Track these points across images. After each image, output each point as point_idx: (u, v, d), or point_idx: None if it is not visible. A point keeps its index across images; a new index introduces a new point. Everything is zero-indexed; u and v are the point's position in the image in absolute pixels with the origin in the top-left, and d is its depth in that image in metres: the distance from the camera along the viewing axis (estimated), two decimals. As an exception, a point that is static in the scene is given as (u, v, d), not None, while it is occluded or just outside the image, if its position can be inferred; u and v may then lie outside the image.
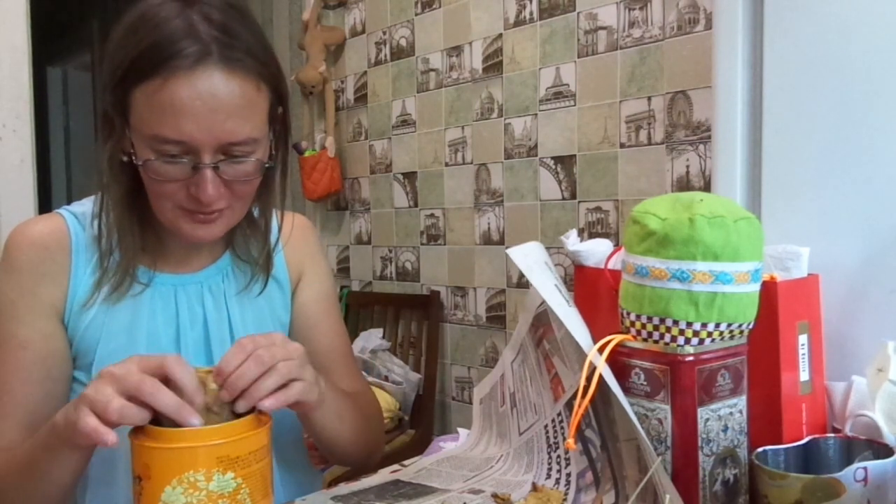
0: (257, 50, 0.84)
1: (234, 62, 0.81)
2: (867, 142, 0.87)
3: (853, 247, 0.87)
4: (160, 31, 0.80)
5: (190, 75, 0.79)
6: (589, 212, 2.21)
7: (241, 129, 0.82)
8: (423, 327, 2.68)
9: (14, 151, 1.84)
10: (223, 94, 0.80)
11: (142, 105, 0.81)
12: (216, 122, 0.80)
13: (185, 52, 0.79)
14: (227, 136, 0.82)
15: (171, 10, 0.81)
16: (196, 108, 0.79)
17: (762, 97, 0.96)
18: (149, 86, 0.80)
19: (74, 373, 0.94)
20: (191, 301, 0.97)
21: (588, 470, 0.83)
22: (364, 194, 2.99)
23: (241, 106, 0.82)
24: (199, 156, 0.82)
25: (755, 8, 0.96)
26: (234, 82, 0.81)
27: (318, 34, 2.95)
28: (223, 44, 0.81)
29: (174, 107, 0.79)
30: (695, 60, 1.92)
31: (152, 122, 0.80)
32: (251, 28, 0.85)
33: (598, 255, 0.93)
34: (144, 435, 0.71)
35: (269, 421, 0.75)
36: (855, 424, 0.79)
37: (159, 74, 0.79)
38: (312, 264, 1.08)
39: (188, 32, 0.80)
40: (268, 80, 0.85)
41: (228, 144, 0.82)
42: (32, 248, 0.92)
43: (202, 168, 0.82)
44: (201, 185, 0.83)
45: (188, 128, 0.80)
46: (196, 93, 0.79)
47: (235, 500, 0.69)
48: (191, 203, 0.85)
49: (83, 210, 0.96)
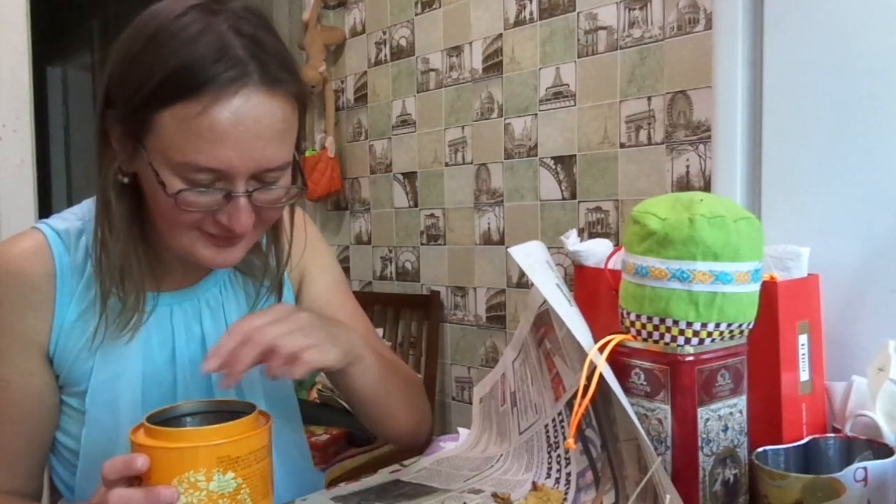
0: (290, 62, 0.79)
1: (275, 83, 0.76)
2: (867, 142, 0.87)
3: (853, 247, 0.87)
4: (191, 50, 0.73)
5: (232, 99, 0.73)
6: (589, 212, 2.21)
7: (280, 153, 0.78)
8: (423, 327, 2.68)
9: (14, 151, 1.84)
10: (265, 119, 0.75)
11: (172, 130, 0.74)
12: (256, 148, 0.75)
13: (224, 74, 0.73)
14: (267, 163, 0.77)
15: (197, 22, 0.75)
16: (238, 133, 0.74)
17: (762, 97, 0.96)
18: (183, 110, 0.73)
19: (66, 398, 0.91)
20: (188, 319, 0.93)
21: (588, 469, 0.83)
22: (364, 194, 2.99)
23: (282, 130, 0.77)
24: (233, 183, 0.76)
25: (755, 8, 0.96)
26: (275, 104, 0.76)
27: (318, 34, 2.95)
28: (261, 62, 0.75)
29: (214, 133, 0.73)
30: (695, 60, 1.92)
31: (185, 149, 0.74)
32: (276, 37, 0.80)
33: (598, 255, 0.93)
34: (144, 434, 0.71)
35: (270, 421, 0.75)
36: (855, 424, 0.79)
37: (197, 99, 0.73)
38: (314, 256, 1.03)
39: (223, 50, 0.74)
40: (300, 97, 0.80)
41: (264, 171, 0.78)
42: (12, 279, 0.86)
43: (236, 197, 0.77)
44: (234, 214, 0.78)
45: (227, 156, 0.74)
46: (238, 118, 0.73)
47: (236, 500, 0.69)
48: (217, 229, 0.80)
49: (66, 227, 0.89)
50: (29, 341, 0.87)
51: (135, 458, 0.68)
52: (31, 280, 0.86)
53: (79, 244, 0.88)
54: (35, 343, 0.88)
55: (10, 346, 0.87)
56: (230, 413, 0.74)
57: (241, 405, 0.76)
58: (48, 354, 0.89)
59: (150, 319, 0.90)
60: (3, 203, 1.83)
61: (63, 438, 0.93)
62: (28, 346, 0.87)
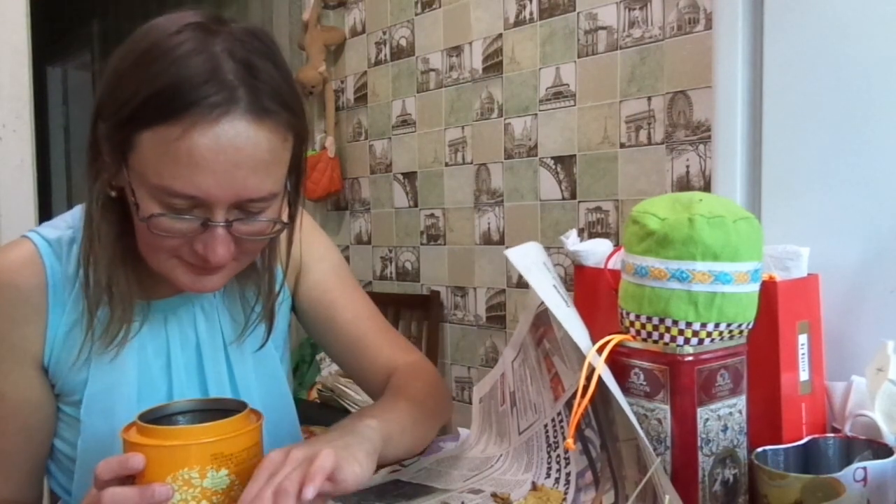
0: (285, 93, 0.75)
1: (263, 113, 0.72)
2: (867, 142, 0.87)
3: (853, 247, 0.87)
4: (180, 70, 0.70)
5: (214, 126, 0.70)
6: (589, 212, 2.21)
7: (263, 185, 0.75)
8: (423, 327, 2.68)
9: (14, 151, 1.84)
10: (248, 149, 0.72)
11: (151, 151, 0.72)
12: (237, 178, 0.72)
13: (209, 99, 0.70)
14: (247, 193, 0.74)
15: (192, 42, 0.72)
16: (217, 162, 0.71)
17: (762, 97, 0.96)
18: (163, 132, 0.71)
19: (62, 406, 0.90)
20: (182, 326, 0.92)
21: (588, 470, 0.83)
22: (364, 194, 2.99)
23: (266, 161, 0.74)
24: (211, 211, 0.74)
25: (755, 8, 0.96)
26: (261, 134, 0.72)
27: (318, 34, 2.95)
28: (251, 88, 0.72)
29: (192, 159, 0.70)
30: (695, 60, 1.92)
31: (163, 173, 0.72)
32: (276, 62, 0.76)
33: (598, 255, 0.93)
34: (138, 433, 0.71)
35: (261, 418, 0.75)
36: (855, 424, 0.79)
37: (178, 121, 0.70)
38: (310, 245, 1.00)
39: (213, 73, 0.71)
40: (294, 128, 0.77)
41: (246, 201, 0.75)
42: (3, 292, 0.84)
43: (213, 226, 0.74)
44: (210, 244, 0.75)
45: (205, 184, 0.71)
46: (219, 146, 0.70)
47: (229, 497, 0.69)
48: (194, 258, 0.78)
49: (58, 236, 0.87)
50: (23, 353, 0.86)
51: (131, 458, 0.68)
52: (23, 292, 0.84)
53: (70, 253, 0.86)
54: (29, 354, 0.86)
55: (4, 358, 0.86)
56: (221, 411, 0.74)
57: (232, 403, 0.77)
58: (43, 365, 0.88)
59: (144, 327, 0.89)
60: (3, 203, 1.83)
61: (61, 445, 0.92)
62: (22, 357, 0.86)
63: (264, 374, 0.98)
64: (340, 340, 1.03)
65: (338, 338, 1.03)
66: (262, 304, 0.92)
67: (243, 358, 0.96)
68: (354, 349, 1.02)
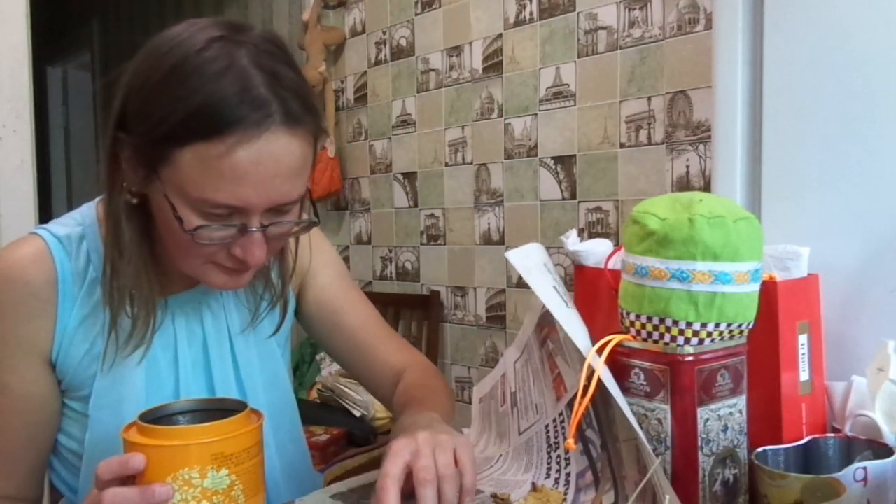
0: (307, 97, 0.79)
1: (295, 122, 0.76)
2: (867, 142, 0.87)
3: (853, 247, 0.87)
4: (214, 88, 0.73)
5: (255, 141, 0.74)
6: (589, 212, 2.21)
7: (295, 189, 0.79)
8: (423, 327, 2.68)
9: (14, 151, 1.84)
10: (285, 157, 0.76)
11: (192, 167, 0.74)
12: (274, 185, 0.76)
13: (249, 117, 0.73)
14: (282, 198, 0.78)
15: (221, 59, 0.74)
16: (258, 173, 0.74)
17: (762, 97, 0.96)
18: (205, 149, 0.73)
19: (68, 402, 0.91)
20: (190, 322, 0.93)
21: (588, 470, 0.83)
22: (364, 194, 2.99)
23: (298, 167, 0.78)
24: (248, 218, 0.77)
25: (755, 8, 0.96)
26: (294, 143, 0.76)
27: (318, 34, 2.95)
28: (282, 100, 0.75)
29: (235, 173, 0.74)
30: (695, 60, 1.92)
31: (205, 186, 0.75)
32: (293, 67, 0.80)
33: (598, 255, 0.93)
34: (138, 433, 0.71)
35: (262, 418, 0.75)
36: (855, 424, 0.79)
37: (220, 140, 0.73)
38: (314, 253, 1.04)
39: (246, 90, 0.74)
40: (316, 130, 0.81)
41: (280, 206, 0.79)
42: (12, 286, 0.85)
43: (251, 232, 0.78)
44: (249, 248, 0.79)
45: (246, 193, 0.75)
46: (259, 158, 0.74)
47: (229, 497, 0.70)
48: (231, 262, 0.81)
49: (67, 233, 0.88)
50: (31, 348, 0.87)
51: (132, 458, 0.68)
52: (33, 287, 0.86)
53: (80, 250, 0.88)
54: (37, 350, 0.88)
55: (13, 353, 0.87)
56: (222, 411, 0.74)
57: (233, 403, 0.77)
58: (50, 360, 0.89)
59: None
60: (3, 203, 1.83)
61: (65, 441, 0.93)
62: (30, 352, 0.87)
63: (268, 370, 1.00)
64: (348, 345, 1.06)
65: (345, 343, 1.06)
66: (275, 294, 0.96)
67: (248, 352, 0.97)
68: (363, 354, 1.05)
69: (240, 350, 0.96)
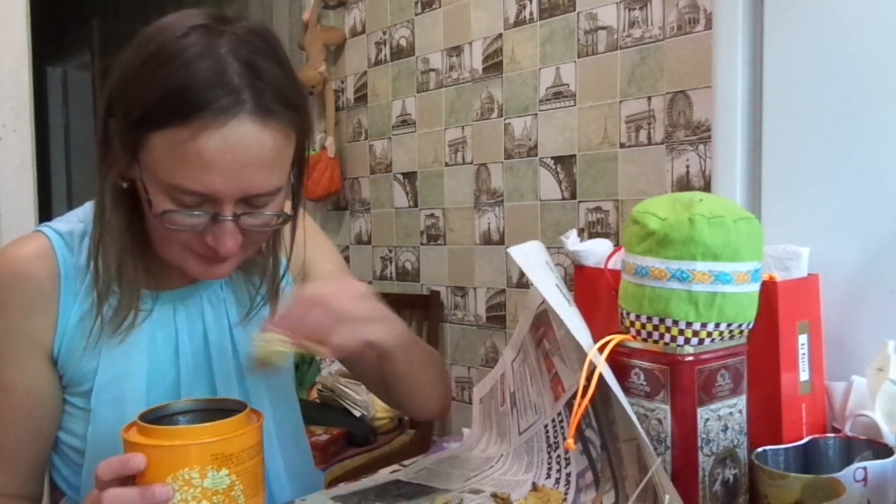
0: (288, 91, 0.78)
1: (267, 114, 0.75)
2: (867, 142, 0.87)
3: (853, 247, 0.87)
4: (187, 74, 0.73)
5: (221, 128, 0.73)
6: (589, 212, 2.21)
7: (268, 181, 0.78)
8: (423, 327, 2.68)
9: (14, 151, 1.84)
10: (254, 147, 0.75)
11: (161, 151, 0.75)
12: (243, 175, 0.76)
13: (217, 102, 0.73)
14: (253, 189, 0.77)
15: (198, 45, 0.75)
16: (225, 161, 0.74)
17: (762, 97, 0.96)
18: (173, 134, 0.74)
19: (69, 398, 0.91)
20: (191, 316, 0.94)
21: (588, 470, 0.83)
22: (364, 194, 2.99)
23: (271, 159, 0.77)
24: (220, 207, 0.77)
25: (755, 8, 0.96)
26: (266, 134, 0.76)
27: (318, 34, 2.95)
28: (256, 90, 0.75)
29: (201, 159, 0.74)
30: (695, 60, 1.92)
31: (173, 172, 0.75)
32: (279, 60, 0.79)
33: (598, 255, 0.93)
34: (139, 433, 0.71)
35: (262, 418, 0.75)
36: (855, 424, 0.79)
37: (187, 125, 0.73)
38: (314, 249, 1.04)
39: (219, 77, 0.74)
40: (297, 125, 0.80)
41: (253, 196, 0.78)
42: (15, 281, 0.86)
43: (221, 220, 0.78)
44: (220, 237, 0.79)
45: (214, 182, 0.75)
46: (226, 146, 0.74)
47: (229, 497, 0.70)
48: (204, 250, 0.81)
49: (69, 229, 0.89)
50: (33, 343, 0.88)
51: (132, 458, 0.68)
52: (36, 282, 0.87)
53: (82, 245, 0.89)
54: (39, 345, 0.88)
55: (15, 347, 0.87)
56: (222, 411, 0.75)
57: (232, 403, 0.77)
58: (52, 355, 0.89)
59: (153, 317, 0.91)
60: (3, 203, 1.83)
61: (67, 438, 0.93)
62: (32, 347, 0.88)
63: None
64: None
65: None
66: (267, 286, 0.95)
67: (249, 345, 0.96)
68: None
69: (241, 344, 0.96)
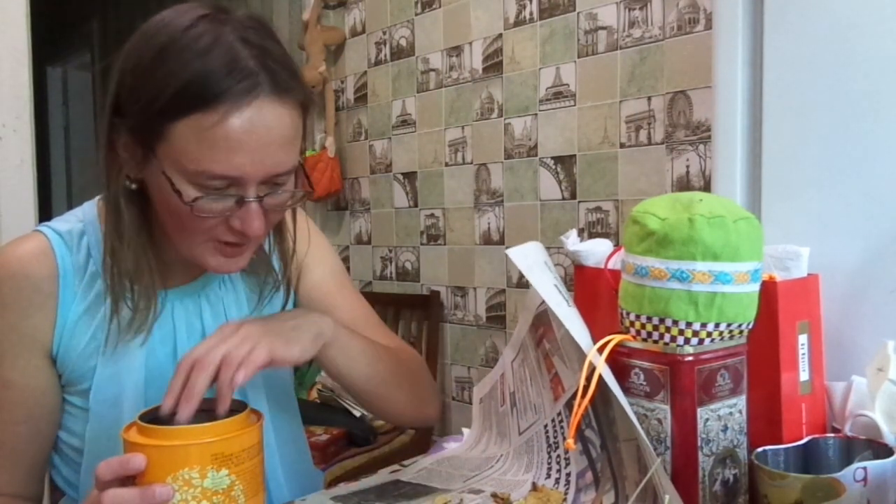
0: (296, 70, 0.81)
1: (284, 91, 0.78)
2: (867, 142, 0.87)
3: (853, 247, 0.87)
4: (204, 62, 0.75)
5: (245, 109, 0.75)
6: (589, 212, 2.21)
7: (289, 158, 0.80)
8: (423, 327, 2.68)
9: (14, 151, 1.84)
10: (276, 126, 0.77)
11: (186, 139, 0.76)
12: (268, 154, 0.78)
13: (237, 86, 0.75)
14: (277, 168, 0.79)
15: (208, 35, 0.77)
16: (251, 142, 0.76)
17: (762, 97, 0.96)
18: (198, 120, 0.75)
19: (68, 397, 0.91)
20: (189, 315, 0.94)
21: (588, 470, 0.83)
22: (364, 194, 2.99)
23: (291, 136, 0.80)
24: (244, 189, 0.78)
25: (755, 8, 0.96)
26: (285, 112, 0.78)
27: (318, 34, 2.95)
28: (271, 71, 0.77)
29: (228, 142, 0.75)
30: (695, 60, 1.92)
31: (201, 158, 0.76)
32: (280, 44, 0.82)
33: (598, 255, 0.93)
34: (138, 433, 0.71)
35: (261, 419, 0.75)
36: (855, 424, 0.79)
37: (213, 110, 0.75)
38: (311, 248, 1.04)
39: (235, 62, 0.76)
40: (305, 102, 0.82)
41: (274, 175, 0.80)
42: (14, 280, 0.87)
43: (248, 202, 0.79)
44: (247, 219, 0.79)
45: (241, 163, 0.76)
46: (251, 126, 0.76)
47: (229, 497, 0.70)
48: (230, 236, 0.82)
49: (68, 228, 0.90)
50: (32, 342, 0.88)
51: (132, 458, 0.68)
52: (35, 281, 0.87)
53: (80, 245, 0.89)
54: (38, 343, 0.88)
55: (14, 346, 0.88)
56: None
57: (232, 403, 0.77)
58: (51, 354, 0.89)
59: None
60: (3, 203, 1.83)
61: (66, 437, 0.93)
62: (31, 346, 0.88)
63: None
64: None
65: None
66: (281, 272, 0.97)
67: None
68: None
69: None
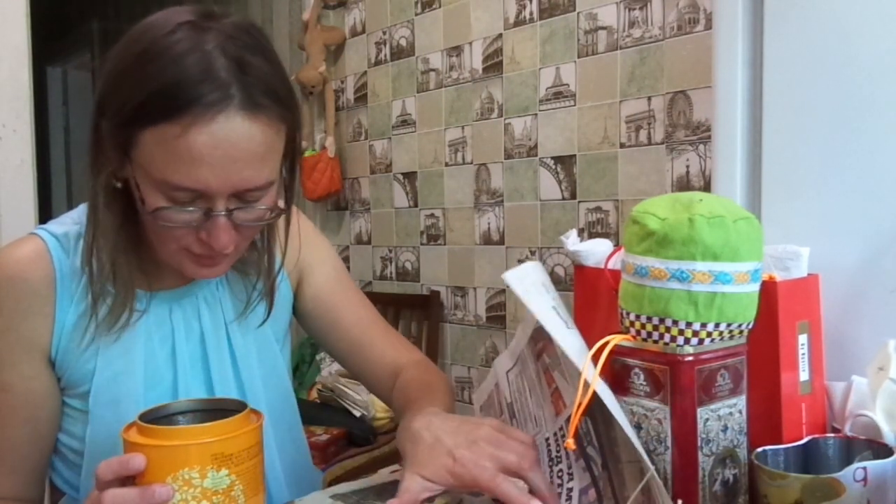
0: (276, 86, 0.78)
1: (256, 108, 0.75)
2: (867, 141, 0.87)
3: (853, 247, 0.87)
4: (176, 70, 0.73)
5: (210, 123, 0.73)
6: (589, 212, 2.21)
7: (259, 175, 0.78)
8: (423, 327, 2.68)
9: (14, 151, 1.84)
10: (243, 142, 0.75)
11: (152, 148, 0.75)
12: (234, 170, 0.76)
13: (205, 98, 0.73)
14: (244, 184, 0.77)
15: (186, 42, 0.75)
16: (215, 157, 0.74)
17: (762, 97, 0.96)
18: (163, 130, 0.74)
19: (67, 400, 0.92)
20: (187, 316, 0.94)
21: (591, 487, 0.83)
22: (364, 194, 2.99)
23: (261, 153, 0.77)
24: (212, 202, 0.77)
25: (755, 8, 0.96)
26: (255, 128, 0.76)
27: (318, 34, 2.95)
28: (244, 85, 0.75)
29: (191, 155, 0.74)
30: (695, 60, 1.92)
31: (165, 168, 0.75)
32: (266, 55, 0.79)
33: (598, 255, 0.93)
34: (138, 433, 0.71)
35: (261, 418, 0.75)
36: (855, 424, 0.79)
37: (176, 120, 0.73)
38: (311, 250, 1.04)
39: (207, 72, 0.74)
40: (287, 120, 0.80)
41: (244, 191, 0.78)
42: (11, 284, 0.87)
43: (215, 216, 0.78)
44: (213, 232, 0.79)
45: (204, 176, 0.75)
46: (215, 141, 0.74)
47: (229, 497, 0.70)
48: (199, 247, 0.81)
49: (65, 231, 0.90)
50: (31, 345, 0.88)
51: (132, 458, 0.68)
52: (32, 285, 0.87)
53: (77, 247, 0.89)
54: (37, 347, 0.88)
55: (12, 350, 0.88)
56: (221, 411, 0.75)
57: (232, 403, 0.77)
58: (50, 357, 0.89)
59: (150, 318, 0.91)
60: (3, 203, 1.83)
61: (66, 439, 0.93)
62: (30, 350, 0.88)
63: (266, 363, 1.00)
64: (345, 342, 1.06)
65: (342, 339, 1.06)
66: (263, 282, 0.95)
67: (245, 345, 0.97)
68: (360, 350, 1.05)
69: (237, 343, 0.96)
